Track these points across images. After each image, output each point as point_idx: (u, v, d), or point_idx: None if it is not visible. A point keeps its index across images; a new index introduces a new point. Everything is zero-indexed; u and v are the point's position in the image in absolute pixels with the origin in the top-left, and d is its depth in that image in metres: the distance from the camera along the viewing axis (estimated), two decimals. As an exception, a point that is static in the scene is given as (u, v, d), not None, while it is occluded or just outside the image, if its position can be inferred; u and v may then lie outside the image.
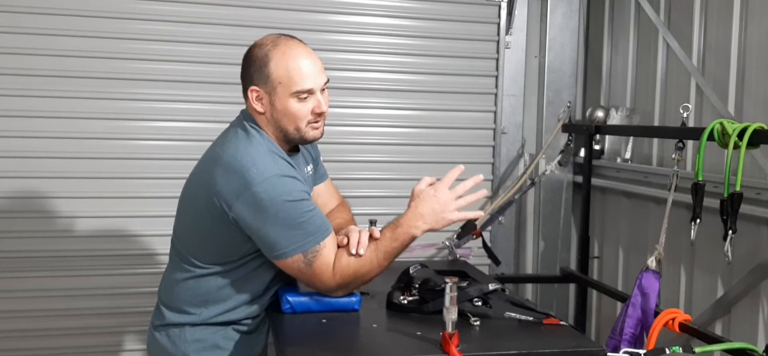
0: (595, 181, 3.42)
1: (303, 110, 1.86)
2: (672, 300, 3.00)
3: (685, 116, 2.53)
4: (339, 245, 1.87)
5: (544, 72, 3.69)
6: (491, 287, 1.90)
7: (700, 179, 2.27)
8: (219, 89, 3.12)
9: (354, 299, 1.90)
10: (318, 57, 1.90)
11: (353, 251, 1.83)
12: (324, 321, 1.83)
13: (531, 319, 1.82)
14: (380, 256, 1.85)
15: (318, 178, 2.18)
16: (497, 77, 3.57)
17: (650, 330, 2.23)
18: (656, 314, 2.27)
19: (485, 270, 3.36)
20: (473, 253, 3.42)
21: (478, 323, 1.79)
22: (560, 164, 3.37)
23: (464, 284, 1.90)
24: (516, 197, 3.41)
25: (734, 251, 2.20)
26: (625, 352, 1.92)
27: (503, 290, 1.96)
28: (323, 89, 1.90)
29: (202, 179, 1.87)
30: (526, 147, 3.72)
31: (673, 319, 2.22)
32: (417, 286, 1.96)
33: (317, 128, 1.91)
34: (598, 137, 3.51)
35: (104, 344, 3.17)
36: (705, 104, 2.91)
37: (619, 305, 2.91)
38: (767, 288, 2.55)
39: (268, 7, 3.22)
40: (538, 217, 3.74)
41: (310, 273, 1.83)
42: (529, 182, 3.37)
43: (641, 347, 2.27)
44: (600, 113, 3.51)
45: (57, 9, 2.99)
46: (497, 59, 3.56)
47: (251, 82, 1.87)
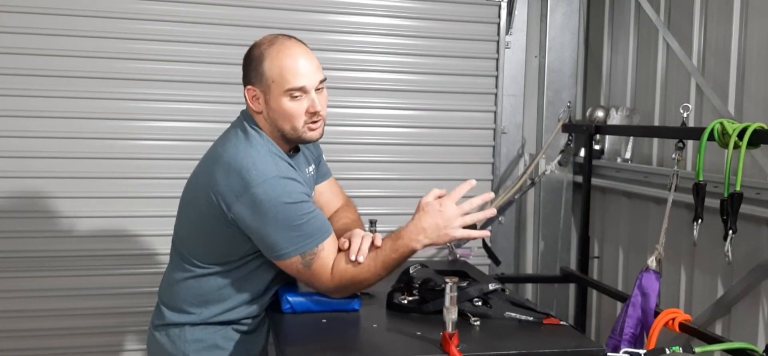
0: (595, 181, 3.42)
1: (297, 109, 1.84)
2: (672, 300, 3.00)
3: (685, 116, 2.53)
4: (340, 249, 1.86)
5: (544, 72, 3.69)
6: (491, 287, 1.90)
7: (701, 179, 2.27)
8: (219, 89, 3.13)
9: (354, 299, 1.90)
10: (314, 56, 1.89)
11: (353, 258, 1.82)
12: (324, 321, 1.83)
13: (531, 319, 1.82)
14: (378, 266, 1.84)
15: (320, 177, 2.17)
16: (497, 77, 3.57)
17: (650, 330, 2.23)
18: (656, 314, 2.27)
19: (485, 269, 3.36)
20: (473, 253, 3.43)
21: (478, 323, 1.79)
22: (560, 164, 3.37)
23: (464, 284, 1.90)
24: (516, 197, 3.41)
25: (734, 251, 2.20)
26: (625, 352, 1.91)
27: (503, 290, 1.96)
28: (319, 88, 1.88)
29: (203, 179, 1.87)
30: (526, 147, 3.72)
31: (673, 319, 2.22)
32: (417, 286, 1.96)
33: (315, 129, 1.88)
34: (598, 137, 3.51)
35: (104, 344, 3.17)
36: (705, 104, 2.91)
37: (619, 305, 2.91)
38: (767, 288, 2.55)
39: (268, 7, 3.22)
40: (538, 217, 3.74)
41: (309, 274, 1.83)
42: (529, 182, 3.37)
43: (641, 347, 2.27)
44: (600, 113, 3.51)
45: (57, 9, 3.00)
46: (497, 59, 3.56)
47: (248, 82, 1.88)
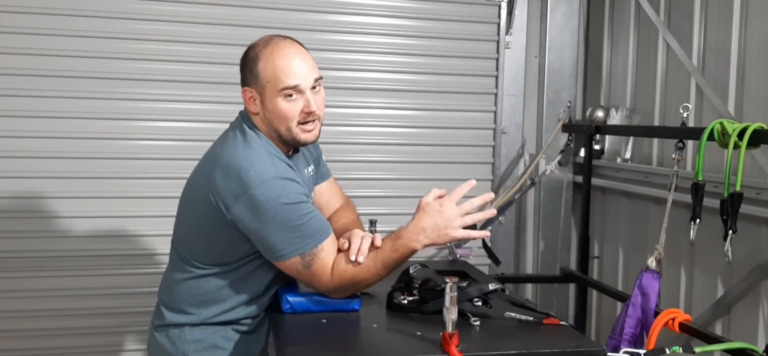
0: (595, 181, 3.42)
1: (292, 109, 1.83)
2: (672, 300, 3.00)
3: (685, 116, 2.53)
4: (340, 249, 1.86)
5: (544, 72, 3.69)
6: (491, 287, 1.90)
7: (700, 179, 2.27)
8: (219, 89, 3.12)
9: (354, 299, 1.90)
10: (310, 55, 1.87)
11: (353, 258, 1.82)
12: (324, 321, 1.83)
13: (531, 319, 1.82)
14: (378, 266, 1.84)
15: (319, 177, 2.16)
16: (497, 77, 3.57)
17: (650, 330, 2.22)
18: (656, 314, 2.27)
19: (485, 269, 3.36)
20: (473, 253, 3.42)
21: (478, 323, 1.79)
22: (560, 164, 3.37)
23: (464, 284, 1.90)
24: (516, 197, 3.41)
25: (734, 251, 2.20)
26: (625, 352, 1.91)
27: (503, 290, 1.96)
28: (315, 88, 1.86)
29: (202, 180, 1.86)
30: (526, 147, 3.72)
31: (673, 319, 2.22)
32: (417, 286, 1.95)
33: (309, 130, 1.86)
34: (598, 137, 3.51)
35: (104, 344, 3.17)
36: (705, 104, 2.91)
37: (619, 305, 2.91)
38: (767, 288, 2.55)
39: (268, 7, 3.22)
40: (538, 217, 3.74)
41: (309, 274, 1.83)
42: (529, 182, 3.37)
43: (641, 347, 2.27)
44: (600, 113, 3.51)
45: (56, 9, 2.99)
46: (497, 59, 3.56)
47: (245, 83, 1.87)
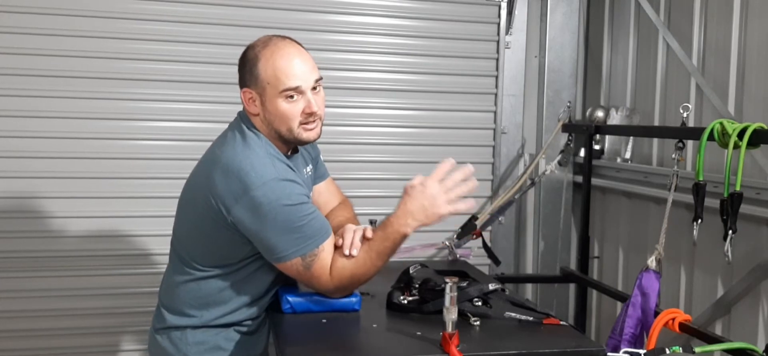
0: (595, 181, 3.42)
1: (293, 110, 1.83)
2: (672, 300, 3.00)
3: (685, 116, 2.53)
4: (335, 246, 1.86)
5: (544, 72, 3.69)
6: (491, 287, 1.90)
7: (701, 179, 2.27)
8: (218, 89, 3.12)
9: (354, 299, 1.90)
10: (309, 56, 1.88)
11: (347, 252, 1.82)
12: (324, 321, 1.83)
13: (531, 319, 1.82)
14: (373, 256, 1.84)
15: (318, 177, 2.16)
16: (497, 77, 3.57)
17: (650, 330, 2.22)
18: (656, 314, 2.27)
19: (485, 269, 3.36)
20: (473, 253, 3.41)
21: (478, 323, 1.79)
22: (560, 164, 3.37)
23: (464, 284, 1.90)
24: (516, 197, 3.41)
25: (734, 251, 2.20)
26: (625, 352, 1.92)
27: (503, 290, 1.96)
28: (315, 88, 1.86)
29: (201, 181, 1.86)
30: (526, 147, 3.72)
31: (673, 319, 2.22)
32: (417, 286, 1.96)
33: (311, 129, 1.87)
34: (598, 137, 3.51)
35: (104, 344, 3.17)
36: (705, 104, 2.91)
37: (619, 305, 2.91)
38: (767, 288, 2.55)
39: (268, 7, 3.22)
40: (538, 217, 3.73)
41: (309, 275, 1.83)
42: (529, 182, 3.37)
43: (641, 347, 2.27)
44: (600, 113, 3.51)
45: (56, 9, 2.99)
46: (497, 59, 3.56)
47: (244, 84, 1.87)
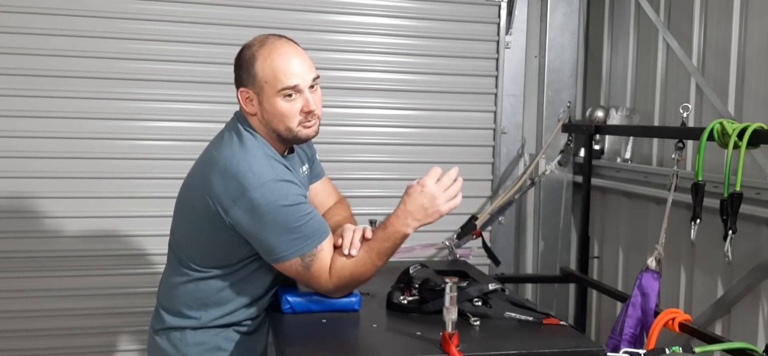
0: (595, 181, 3.42)
1: (291, 109, 1.83)
2: (672, 300, 3.00)
3: (685, 116, 2.53)
4: (334, 246, 1.86)
5: (544, 72, 3.69)
6: (491, 287, 1.90)
7: (700, 179, 2.27)
8: (218, 89, 3.12)
9: (354, 299, 1.90)
10: (306, 54, 1.88)
11: (346, 252, 1.83)
12: (324, 321, 1.83)
13: (531, 319, 1.82)
14: (373, 256, 1.84)
15: (314, 177, 2.16)
16: (497, 77, 3.57)
17: (650, 330, 2.22)
18: (656, 314, 2.27)
19: (485, 270, 3.36)
20: (473, 253, 3.42)
21: (478, 323, 1.79)
22: (560, 164, 3.37)
23: (464, 284, 1.90)
24: (516, 197, 3.41)
25: (734, 251, 2.20)
26: (625, 352, 1.92)
27: (503, 290, 1.96)
28: (313, 86, 1.86)
29: (198, 182, 1.86)
30: (526, 147, 3.72)
31: (673, 319, 2.22)
32: (417, 286, 1.96)
33: (309, 127, 1.87)
34: (598, 137, 3.51)
35: (104, 344, 3.17)
36: (705, 104, 2.91)
37: (619, 305, 2.91)
38: (767, 288, 2.55)
39: (267, 7, 3.22)
40: (538, 217, 3.73)
41: (308, 275, 1.83)
42: (529, 182, 3.37)
43: (641, 347, 2.27)
44: (600, 113, 3.51)
45: (56, 9, 2.99)
46: (497, 59, 3.56)
47: (241, 84, 1.86)
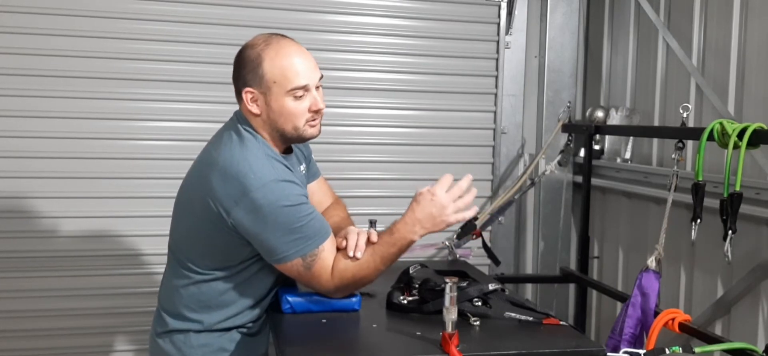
0: (595, 181, 3.42)
1: (299, 108, 1.84)
2: (672, 300, 3.00)
3: (685, 116, 2.53)
4: (338, 248, 1.86)
5: (544, 72, 3.69)
6: (491, 287, 1.90)
7: (700, 179, 2.27)
8: (219, 89, 3.11)
9: (354, 299, 1.90)
10: (310, 54, 1.89)
11: (351, 254, 1.82)
12: (324, 321, 1.83)
13: (531, 319, 1.82)
14: (377, 260, 1.84)
15: (310, 176, 2.16)
16: (497, 77, 3.57)
17: (650, 330, 2.22)
18: (656, 314, 2.27)
19: (485, 270, 3.36)
20: (473, 253, 3.42)
21: (478, 323, 1.79)
22: (560, 164, 3.37)
23: (464, 284, 1.90)
24: (516, 197, 3.41)
25: (734, 251, 2.20)
26: (625, 352, 1.92)
27: (503, 290, 1.96)
28: (318, 86, 1.88)
29: (198, 183, 1.85)
30: (526, 147, 3.72)
31: (673, 319, 2.22)
32: (417, 286, 1.96)
33: (315, 126, 1.88)
34: (598, 137, 3.51)
35: (103, 344, 3.17)
36: (705, 104, 2.91)
37: (619, 305, 2.91)
38: (767, 288, 2.55)
39: (267, 7, 3.22)
40: (538, 217, 3.73)
41: (309, 275, 1.82)
42: (529, 182, 3.37)
43: (641, 347, 2.27)
44: (600, 113, 3.51)
45: (56, 9, 2.99)
46: (497, 59, 3.56)
47: (245, 84, 1.85)
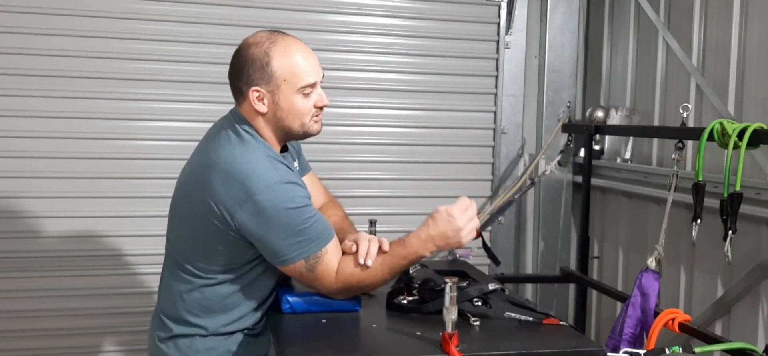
0: (595, 181, 3.42)
1: (307, 105, 1.85)
2: (672, 300, 3.00)
3: (685, 116, 2.53)
4: (347, 252, 1.85)
5: (544, 72, 3.69)
6: (491, 287, 1.90)
7: (701, 179, 2.27)
8: (219, 89, 3.05)
9: (354, 299, 1.90)
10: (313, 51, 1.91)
11: (362, 261, 1.82)
12: (324, 321, 1.83)
13: (531, 319, 1.82)
14: (385, 270, 1.84)
15: (301, 171, 2.14)
16: (497, 77, 3.57)
17: (650, 330, 2.23)
18: (656, 314, 2.27)
19: (485, 269, 3.36)
20: (473, 253, 3.42)
21: (478, 323, 1.79)
22: (560, 164, 3.36)
23: (464, 284, 1.90)
24: (516, 197, 3.41)
25: (734, 251, 2.20)
26: (625, 352, 1.91)
27: (503, 290, 1.96)
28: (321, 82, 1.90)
29: (197, 185, 1.82)
30: (526, 147, 3.72)
31: (673, 319, 2.22)
32: (417, 286, 1.95)
33: (319, 121, 1.90)
34: (598, 137, 3.51)
35: (103, 344, 3.17)
36: (705, 104, 2.91)
37: (619, 305, 2.91)
38: (767, 288, 2.55)
39: (267, 7, 3.22)
40: (538, 217, 3.73)
41: (312, 277, 1.82)
42: (529, 182, 3.37)
43: (641, 347, 2.27)
44: (600, 113, 3.51)
45: (56, 9, 2.99)
46: (497, 59, 3.56)
47: (252, 83, 1.84)
